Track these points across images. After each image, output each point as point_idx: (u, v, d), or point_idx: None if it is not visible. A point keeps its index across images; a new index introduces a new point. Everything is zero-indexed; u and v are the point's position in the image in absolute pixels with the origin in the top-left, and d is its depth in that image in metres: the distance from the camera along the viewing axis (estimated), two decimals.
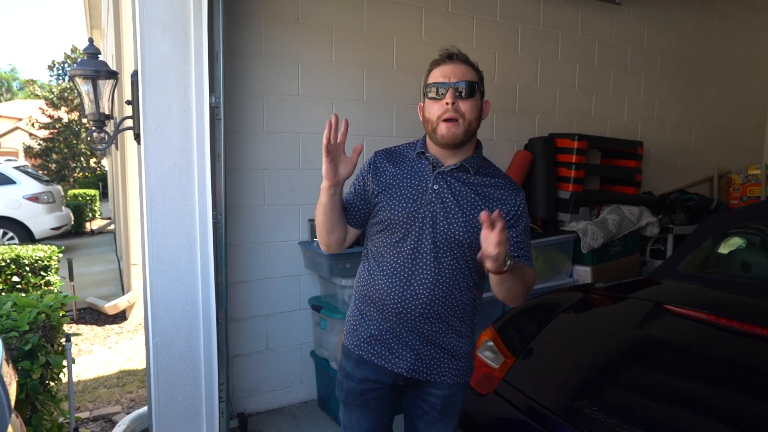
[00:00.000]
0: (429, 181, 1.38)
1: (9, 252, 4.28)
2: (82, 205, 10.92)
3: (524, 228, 1.39)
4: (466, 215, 1.34)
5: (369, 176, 1.45)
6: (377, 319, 1.42)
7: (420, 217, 1.36)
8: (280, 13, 2.69)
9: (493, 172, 1.43)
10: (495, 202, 1.36)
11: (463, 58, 1.37)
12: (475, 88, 1.34)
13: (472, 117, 1.34)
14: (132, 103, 2.31)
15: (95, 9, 12.66)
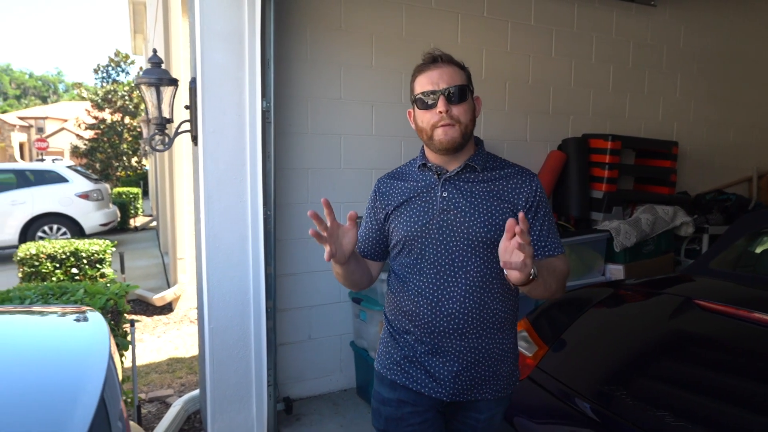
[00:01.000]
0: (437, 190, 1.33)
1: (69, 245, 4.59)
2: (127, 202, 11.42)
3: (545, 214, 1.33)
4: (483, 214, 1.28)
5: (377, 204, 1.41)
6: (410, 341, 1.35)
7: (435, 228, 1.30)
8: (325, 21, 2.85)
9: (501, 164, 1.37)
10: (510, 193, 1.30)
11: (448, 59, 1.30)
12: (466, 91, 1.28)
13: (467, 120, 1.29)
14: (190, 107, 2.52)
15: (139, 15, 13.20)
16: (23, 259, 4.42)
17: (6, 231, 7.71)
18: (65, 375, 0.96)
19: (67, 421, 0.82)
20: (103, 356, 1.01)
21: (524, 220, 1.04)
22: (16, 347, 1.08)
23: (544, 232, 1.32)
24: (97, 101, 19.21)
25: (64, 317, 1.21)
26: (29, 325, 1.15)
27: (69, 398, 0.86)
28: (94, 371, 0.94)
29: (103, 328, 1.17)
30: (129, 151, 19.15)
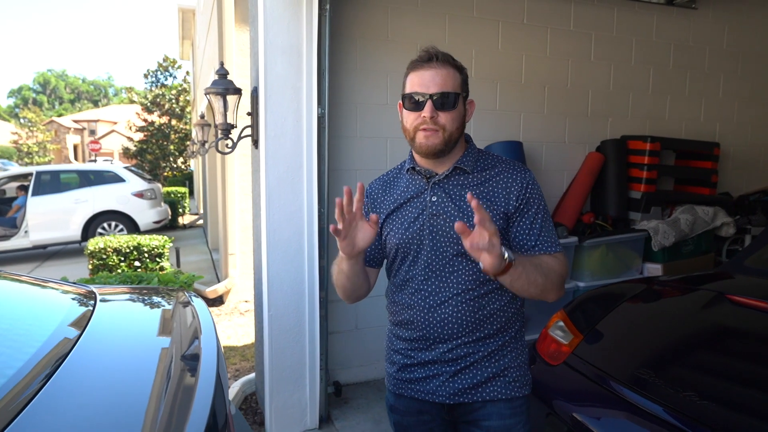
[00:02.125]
0: (426, 194, 1.30)
1: (132, 240, 4.98)
2: (176, 201, 12.01)
3: (538, 210, 1.27)
4: (472, 218, 1.19)
5: (369, 212, 1.39)
6: (407, 350, 1.35)
7: (427, 232, 1.28)
8: (373, 32, 3.06)
9: (491, 162, 1.33)
10: (500, 194, 1.26)
11: (444, 59, 1.24)
12: (456, 99, 1.23)
13: (453, 128, 1.24)
14: (252, 114, 2.77)
15: (188, 22, 13.81)
16: (93, 252, 4.83)
17: (70, 227, 8.29)
18: (192, 346, 1.15)
19: (197, 385, 0.95)
20: (212, 331, 1.21)
21: (477, 206, 1.02)
22: (145, 319, 1.30)
23: (536, 229, 1.27)
24: (147, 104, 20.14)
25: (170, 297, 1.43)
26: (144, 302, 1.38)
27: (196, 367, 1.01)
28: (210, 344, 1.13)
29: (205, 307, 1.39)
30: (176, 152, 19.98)
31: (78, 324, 1.08)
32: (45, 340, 0.98)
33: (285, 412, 2.72)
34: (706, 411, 1.49)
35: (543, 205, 1.30)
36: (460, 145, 1.32)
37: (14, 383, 0.79)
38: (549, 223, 1.30)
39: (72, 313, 1.16)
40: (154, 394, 0.88)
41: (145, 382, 0.92)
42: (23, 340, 1.00)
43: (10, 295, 1.21)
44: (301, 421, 2.75)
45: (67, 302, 1.24)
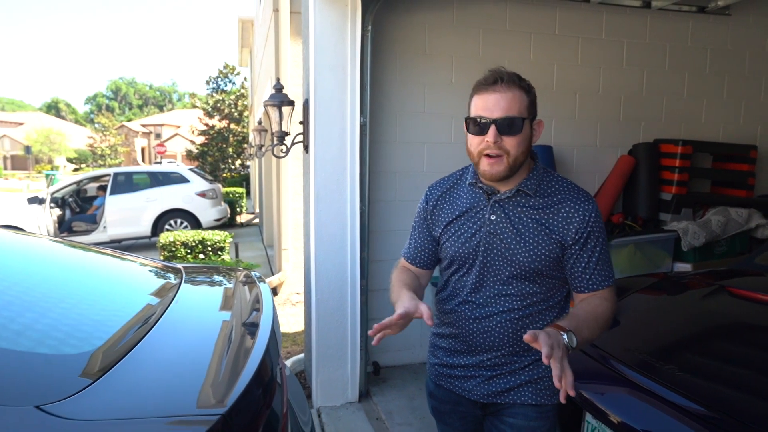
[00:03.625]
0: (486, 211, 1.31)
1: (197, 235, 5.54)
2: (234, 201, 12.77)
3: (596, 244, 1.26)
4: (528, 243, 1.26)
5: (429, 217, 1.43)
6: (449, 350, 1.43)
7: (482, 250, 1.31)
8: (411, 48, 3.37)
9: (555, 187, 1.31)
10: (560, 224, 1.26)
11: (510, 80, 1.21)
12: (522, 123, 1.21)
13: (518, 152, 1.23)
14: (304, 122, 3.15)
15: (246, 31, 14.60)
16: (164, 245, 5.41)
17: (142, 224, 9.10)
18: (252, 315, 1.49)
19: (254, 346, 1.18)
20: (269, 302, 1.55)
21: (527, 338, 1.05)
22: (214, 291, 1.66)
23: (592, 264, 1.27)
24: (208, 109, 21.33)
25: (232, 276, 1.80)
26: (214, 278, 1.75)
27: (254, 332, 1.27)
28: (267, 313, 1.46)
29: (266, 284, 1.74)
30: (234, 154, 21.04)
31: (173, 289, 1.46)
32: (154, 302, 1.36)
33: (329, 386, 3.08)
34: (699, 387, 1.71)
35: (602, 238, 1.28)
36: (526, 165, 1.30)
37: (129, 330, 1.15)
38: (606, 256, 1.28)
39: (169, 282, 1.55)
40: (217, 351, 1.16)
41: (211, 340, 1.23)
42: (140, 301, 1.38)
43: (128, 269, 1.62)
44: (343, 395, 3.10)
45: (166, 275, 1.63)
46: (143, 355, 1.00)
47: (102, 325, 1.14)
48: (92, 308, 1.25)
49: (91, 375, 0.89)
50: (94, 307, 1.26)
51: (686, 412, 1.67)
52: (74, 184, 9.49)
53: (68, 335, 1.04)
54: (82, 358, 0.95)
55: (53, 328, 1.04)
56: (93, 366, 0.93)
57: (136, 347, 1.02)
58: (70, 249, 1.65)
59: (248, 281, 1.71)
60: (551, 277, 1.32)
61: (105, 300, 1.34)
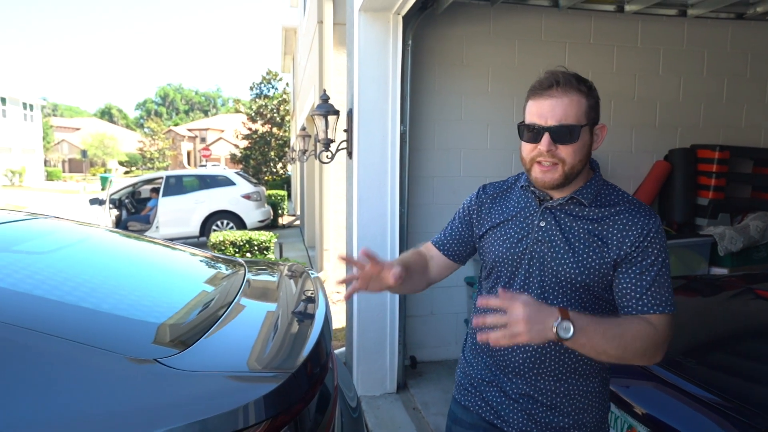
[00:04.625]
0: (535, 217, 1.23)
1: (245, 235, 5.87)
2: (276, 203, 13.22)
3: (654, 263, 1.12)
4: (578, 254, 1.16)
5: (474, 214, 1.36)
6: (484, 367, 1.31)
7: (527, 258, 1.22)
8: (449, 59, 3.55)
9: (614, 199, 1.20)
10: (615, 236, 1.15)
11: (567, 83, 1.12)
12: (578, 131, 1.12)
13: (575, 160, 1.14)
14: (348, 130, 3.38)
15: (289, 39, 15.07)
16: (214, 244, 5.77)
17: (191, 224, 9.60)
18: (302, 302, 1.71)
19: (311, 329, 1.36)
20: (323, 293, 1.76)
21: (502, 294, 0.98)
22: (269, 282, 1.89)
23: (645, 282, 1.12)
24: (251, 114, 22.06)
25: (297, 268, 2.03)
26: (269, 271, 1.99)
27: (311, 315, 1.49)
28: (322, 301, 1.66)
29: (318, 277, 1.96)
30: (275, 158, 21.67)
31: (241, 278, 1.70)
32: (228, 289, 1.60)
33: (369, 377, 3.29)
34: (720, 382, 1.82)
35: (663, 258, 1.13)
36: (584, 173, 1.21)
37: (212, 309, 1.39)
38: (665, 280, 1.13)
39: (236, 273, 1.79)
40: (281, 328, 1.37)
41: (276, 320, 1.44)
42: (216, 287, 1.63)
43: (204, 261, 1.89)
44: (382, 386, 3.30)
45: (233, 267, 1.88)
46: (225, 328, 1.23)
47: (192, 304, 1.40)
48: (183, 292, 1.51)
49: (189, 339, 1.13)
50: (185, 291, 1.52)
51: (707, 405, 1.79)
52: (130, 186, 10.11)
53: (170, 309, 1.29)
54: (183, 327, 1.20)
55: (159, 304, 1.30)
56: (189, 333, 1.18)
57: (219, 321, 1.26)
58: (163, 248, 1.92)
59: (303, 275, 1.93)
60: (600, 298, 1.19)
61: (192, 285, 1.60)
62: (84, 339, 0.99)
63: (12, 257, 1.32)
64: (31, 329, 0.98)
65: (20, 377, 0.91)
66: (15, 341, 0.95)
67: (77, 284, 1.30)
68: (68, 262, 1.44)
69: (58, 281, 1.28)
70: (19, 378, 0.91)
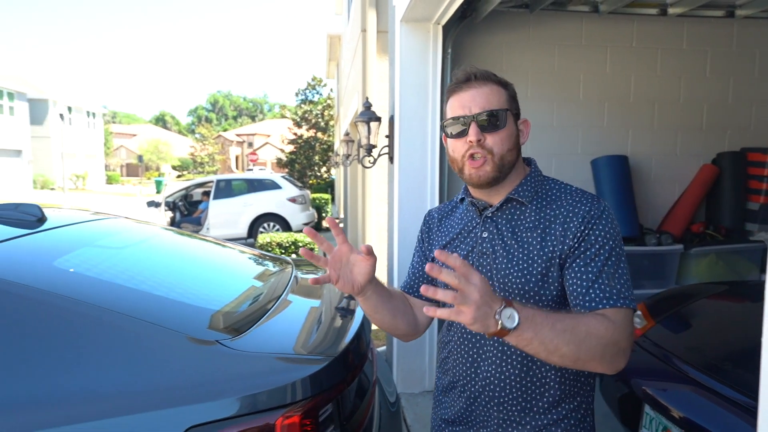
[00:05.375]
0: (478, 229, 1.15)
1: (290, 237, 6.10)
2: (320, 206, 13.53)
3: (599, 252, 1.02)
4: (521, 260, 1.07)
5: (426, 243, 1.28)
6: (450, 404, 1.20)
7: None
8: (488, 65, 3.58)
9: (554, 193, 1.13)
10: (556, 230, 1.06)
11: (484, 76, 1.11)
12: (504, 117, 1.08)
13: (504, 150, 1.08)
14: (389, 136, 3.50)
15: (334, 46, 15.42)
16: (261, 245, 6.03)
17: (239, 226, 10.00)
18: (343, 301, 1.85)
19: (350, 323, 1.51)
20: None
21: (440, 255, 0.85)
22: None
23: (591, 276, 1.02)
24: (297, 119, 22.62)
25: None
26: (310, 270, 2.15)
27: (352, 311, 1.65)
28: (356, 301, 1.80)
29: None
30: (320, 162, 22.12)
31: (288, 274, 1.85)
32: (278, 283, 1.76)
33: (408, 375, 3.39)
34: (757, 384, 1.82)
35: (612, 245, 1.03)
36: (518, 171, 1.14)
37: (264, 300, 1.54)
38: (615, 270, 1.02)
39: (284, 269, 1.95)
40: (325, 320, 1.52)
41: (320, 313, 1.59)
42: (267, 281, 1.78)
43: (255, 259, 2.06)
44: (420, 384, 3.39)
45: (282, 264, 2.05)
46: (276, 316, 1.38)
47: (245, 296, 1.55)
48: (237, 284, 1.68)
49: (244, 326, 1.27)
50: (239, 284, 1.69)
51: (745, 409, 1.80)
52: (183, 189, 10.63)
53: (226, 300, 1.46)
54: (238, 316, 1.36)
55: (217, 295, 1.46)
56: (244, 321, 1.33)
57: (270, 311, 1.41)
58: (217, 246, 2.11)
59: None
60: (557, 304, 1.07)
61: (244, 280, 1.77)
62: (158, 321, 1.15)
63: (94, 251, 1.51)
64: (116, 311, 1.15)
65: (108, 351, 1.08)
66: (104, 320, 1.12)
67: (148, 275, 1.48)
68: (139, 257, 1.63)
69: (133, 272, 1.46)
70: (108, 351, 1.08)
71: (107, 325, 1.11)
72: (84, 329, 1.10)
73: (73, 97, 32.22)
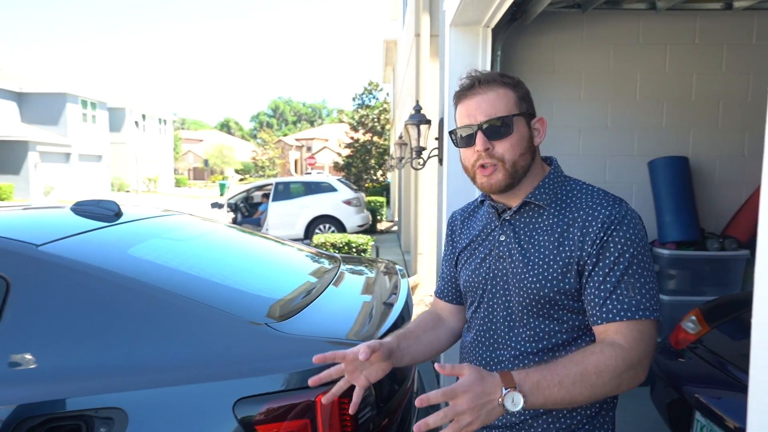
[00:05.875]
0: (496, 232, 1.13)
1: (344, 238, 6.28)
2: (375, 209, 13.72)
3: (619, 260, 0.98)
4: (537, 267, 1.04)
5: (448, 242, 1.28)
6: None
7: (491, 279, 1.11)
8: (540, 67, 3.60)
9: (575, 194, 1.08)
10: (576, 235, 1.02)
11: (488, 80, 1.07)
12: (511, 122, 1.05)
13: (515, 155, 1.05)
14: (438, 138, 3.56)
15: (390, 51, 15.61)
16: (317, 245, 6.24)
17: (296, 227, 10.34)
18: (392, 296, 1.93)
19: (392, 310, 1.61)
20: (406, 286, 1.96)
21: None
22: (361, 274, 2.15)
23: (609, 285, 0.98)
24: (353, 124, 23.02)
25: (374, 266, 2.27)
26: (362, 266, 2.24)
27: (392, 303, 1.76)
28: (403, 292, 1.86)
29: (403, 272, 2.18)
30: (376, 165, 22.39)
31: (336, 268, 1.97)
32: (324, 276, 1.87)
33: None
34: None
35: (633, 251, 0.98)
36: (536, 172, 1.11)
37: (311, 290, 1.65)
38: (637, 278, 0.97)
39: (333, 264, 2.06)
40: (365, 310, 1.62)
41: (362, 304, 1.69)
42: (315, 274, 1.91)
43: (306, 254, 2.20)
44: None
45: (330, 260, 2.16)
46: (320, 305, 1.48)
47: (294, 285, 1.69)
48: (287, 275, 1.82)
49: (292, 312, 1.39)
50: (289, 275, 1.83)
51: None
52: (244, 192, 11.13)
53: (278, 289, 1.59)
54: (287, 302, 1.48)
55: (271, 284, 1.59)
56: (292, 307, 1.44)
57: (315, 300, 1.52)
58: (274, 243, 2.27)
59: (390, 271, 2.15)
60: (575, 311, 1.04)
61: (294, 271, 1.91)
62: (216, 304, 1.28)
63: (162, 242, 1.68)
64: (180, 294, 1.29)
65: (171, 328, 1.22)
66: (171, 303, 1.27)
67: (209, 265, 1.64)
68: (201, 249, 1.80)
69: (195, 262, 1.62)
70: (171, 328, 1.22)
71: (170, 305, 1.26)
72: (152, 309, 1.25)
73: (147, 105, 34.40)
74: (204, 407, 1.14)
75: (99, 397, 1.14)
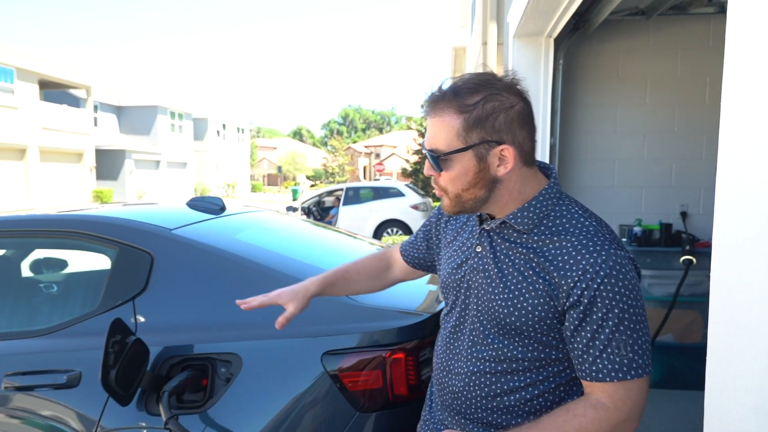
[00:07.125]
0: (474, 239, 1.06)
1: None
2: None
3: (606, 317, 0.90)
4: (510, 290, 0.97)
5: (437, 225, 1.23)
6: (432, 406, 1.18)
7: (465, 288, 1.06)
8: (603, 73, 3.69)
9: (562, 224, 0.98)
10: (552, 272, 0.94)
11: (440, 100, 0.96)
12: (449, 159, 0.96)
13: (457, 189, 0.97)
14: None
15: (459, 58, 15.77)
16: None
17: (366, 231, 10.76)
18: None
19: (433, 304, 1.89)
20: None
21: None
22: None
23: (597, 344, 0.91)
24: (422, 130, 23.31)
25: None
26: None
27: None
28: None
29: None
30: None
31: None
32: None
33: None
34: None
35: (622, 307, 0.91)
36: (523, 192, 1.00)
37: None
38: (629, 335, 0.91)
39: None
40: (413, 290, 1.85)
41: (410, 286, 1.94)
42: None
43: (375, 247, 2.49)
44: None
45: None
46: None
47: None
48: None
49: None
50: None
51: None
52: (317, 196, 11.75)
53: None
54: None
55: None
56: None
57: None
58: (345, 236, 2.59)
59: None
60: (542, 344, 0.99)
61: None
62: (304, 278, 1.59)
63: (259, 230, 2.03)
64: (278, 270, 1.61)
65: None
66: (272, 276, 1.58)
67: (297, 248, 1.97)
68: (288, 236, 2.14)
69: (286, 246, 1.96)
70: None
71: (269, 277, 1.57)
72: (258, 279, 1.57)
73: (226, 115, 36.64)
74: (299, 356, 1.44)
75: (220, 344, 1.47)
